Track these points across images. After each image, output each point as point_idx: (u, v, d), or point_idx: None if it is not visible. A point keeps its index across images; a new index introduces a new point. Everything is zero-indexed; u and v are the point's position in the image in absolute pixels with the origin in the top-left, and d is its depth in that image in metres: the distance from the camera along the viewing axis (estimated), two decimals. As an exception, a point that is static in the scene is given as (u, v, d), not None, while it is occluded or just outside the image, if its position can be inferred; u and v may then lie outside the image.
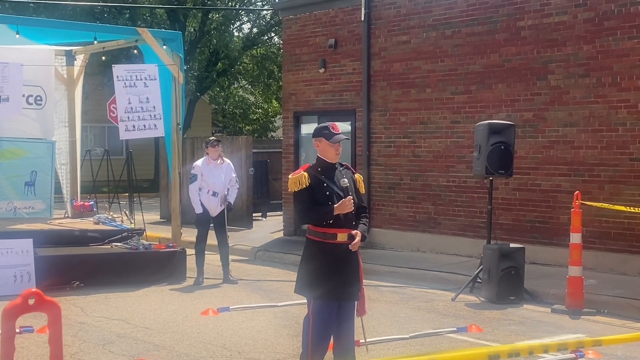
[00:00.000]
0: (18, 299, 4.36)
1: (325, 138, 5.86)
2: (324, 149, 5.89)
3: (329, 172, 5.89)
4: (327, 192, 5.80)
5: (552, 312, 9.06)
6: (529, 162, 11.76)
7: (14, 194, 12.99)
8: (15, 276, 9.85)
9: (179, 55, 11.82)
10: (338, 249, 5.79)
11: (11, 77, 11.02)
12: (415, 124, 13.33)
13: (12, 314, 4.36)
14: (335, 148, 5.88)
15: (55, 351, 4.39)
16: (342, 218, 5.77)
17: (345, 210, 5.75)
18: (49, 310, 4.41)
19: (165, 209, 18.19)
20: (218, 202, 10.86)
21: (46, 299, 4.40)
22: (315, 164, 5.97)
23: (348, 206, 5.74)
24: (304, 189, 5.79)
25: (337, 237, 5.79)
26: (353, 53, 14.24)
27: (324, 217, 5.76)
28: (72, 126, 13.98)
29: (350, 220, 5.85)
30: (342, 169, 6.02)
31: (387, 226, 13.76)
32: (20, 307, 4.35)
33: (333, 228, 5.78)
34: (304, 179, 5.79)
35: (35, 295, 4.35)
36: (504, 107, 12.07)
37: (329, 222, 5.77)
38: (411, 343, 7.50)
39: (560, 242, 11.12)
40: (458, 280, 10.52)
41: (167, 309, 9.07)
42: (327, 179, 5.84)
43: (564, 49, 11.42)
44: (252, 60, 36.25)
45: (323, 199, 5.77)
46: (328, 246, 5.80)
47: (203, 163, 10.92)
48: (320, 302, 5.78)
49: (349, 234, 5.80)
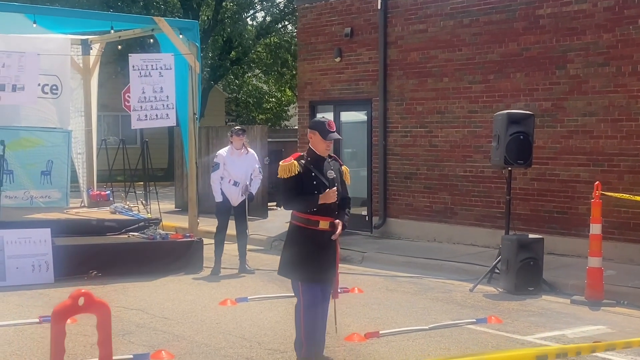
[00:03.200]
0: (67, 299, 4.17)
1: (320, 134, 6.26)
2: (317, 142, 6.30)
3: (318, 163, 6.29)
4: (315, 182, 6.20)
5: (572, 303, 9.00)
6: (548, 152, 11.67)
7: (30, 183, 13.00)
8: (33, 265, 9.88)
9: (196, 44, 11.78)
10: (319, 235, 6.19)
11: (27, 66, 11.02)
12: (432, 113, 13.25)
13: (62, 315, 4.17)
14: (327, 144, 6.30)
15: (104, 353, 4.23)
16: (325, 207, 6.16)
17: (330, 201, 6.16)
18: (98, 311, 4.24)
19: (180, 198, 18.20)
20: (239, 192, 10.83)
21: (96, 300, 4.23)
22: (305, 154, 6.36)
23: (332, 197, 6.16)
24: (293, 176, 6.18)
25: (319, 225, 6.18)
26: (369, 42, 14.16)
27: (309, 205, 6.16)
28: (88, 115, 14.00)
29: (333, 209, 6.24)
30: (331, 161, 6.40)
31: (403, 216, 13.71)
32: (70, 308, 4.17)
33: (316, 215, 6.17)
34: (294, 167, 6.19)
35: (85, 295, 4.18)
36: (522, 96, 11.97)
37: (313, 210, 6.15)
38: (431, 334, 7.46)
39: (579, 232, 11.05)
40: (475, 271, 10.47)
41: (185, 299, 9.07)
42: (315, 169, 6.23)
43: (583, 38, 11.30)
44: (266, 49, 36.15)
45: (310, 188, 6.17)
46: (310, 232, 6.19)
47: (227, 152, 10.88)
48: (306, 285, 6.20)
49: (331, 222, 6.20)
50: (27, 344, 7.02)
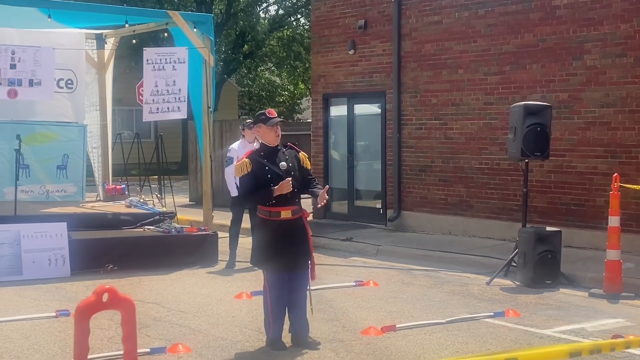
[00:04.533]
0: (91, 296, 4.10)
1: (263, 123, 6.56)
2: (265, 133, 6.59)
3: (270, 154, 6.56)
4: (269, 175, 6.45)
5: (590, 297, 8.92)
6: (565, 144, 11.57)
7: (46, 177, 13.06)
8: (49, 259, 9.91)
9: (210, 37, 11.76)
10: (283, 225, 6.49)
11: (43, 61, 11.04)
12: (446, 105, 13.17)
13: (86, 312, 4.11)
14: (274, 131, 6.56)
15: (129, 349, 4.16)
16: (283, 197, 6.42)
17: (285, 191, 6.39)
18: (122, 307, 4.18)
19: (194, 191, 18.21)
20: None
21: (120, 296, 4.17)
22: (258, 148, 6.67)
23: (287, 187, 6.38)
24: (246, 174, 6.47)
25: (280, 215, 6.49)
26: (383, 34, 14.08)
27: (266, 198, 6.45)
28: (103, 110, 14.03)
29: (293, 198, 6.52)
30: (286, 150, 6.69)
31: (418, 209, 13.65)
32: (94, 304, 4.11)
33: (276, 207, 6.48)
34: (246, 165, 6.48)
35: (109, 292, 4.12)
36: (538, 87, 11.87)
37: (272, 202, 6.45)
38: (448, 328, 7.41)
39: (596, 225, 10.96)
40: (492, 264, 10.40)
41: (201, 292, 9.07)
42: (268, 162, 6.50)
43: (600, 28, 11.18)
44: (279, 42, 36.09)
45: (265, 181, 6.43)
46: (274, 223, 6.51)
47: (239, 146, 10.87)
48: (272, 274, 6.54)
49: (292, 210, 6.51)
50: (44, 338, 7.03)
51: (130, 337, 4.21)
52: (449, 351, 6.66)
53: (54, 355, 6.40)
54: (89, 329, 4.11)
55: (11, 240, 9.79)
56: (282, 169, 6.49)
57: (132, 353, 4.22)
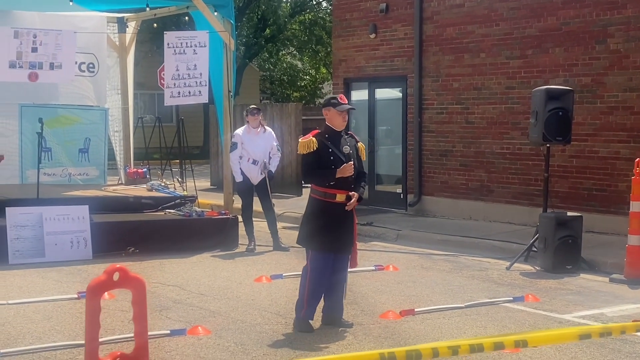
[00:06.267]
0: (102, 275, 4.09)
1: (333, 107, 6.67)
2: (332, 117, 6.71)
3: (335, 138, 6.71)
4: (332, 157, 6.61)
5: (611, 282, 8.87)
6: (587, 129, 11.46)
7: (68, 161, 13.18)
8: (72, 242, 10.01)
9: (230, 21, 11.75)
10: (336, 207, 6.63)
11: (65, 44, 11.11)
12: (468, 89, 13.08)
13: (97, 290, 4.10)
14: (342, 116, 6.69)
15: (139, 329, 4.15)
16: (342, 181, 6.59)
17: (346, 174, 6.58)
18: (133, 286, 4.16)
19: (215, 175, 18.27)
20: (258, 171, 10.85)
21: (131, 275, 4.16)
22: (323, 130, 6.76)
23: (348, 170, 6.59)
24: (311, 152, 6.62)
25: (336, 197, 6.63)
26: (405, 18, 14.00)
27: (326, 178, 6.60)
28: (125, 93, 14.08)
29: (350, 183, 6.67)
30: (347, 137, 6.82)
31: (438, 194, 13.62)
32: (105, 283, 4.11)
33: (333, 189, 6.62)
34: (312, 144, 6.61)
35: (120, 271, 4.11)
36: (561, 72, 11.75)
37: (331, 183, 6.59)
38: (467, 312, 7.41)
39: (618, 210, 10.87)
40: (512, 249, 10.36)
41: (221, 276, 9.13)
42: (332, 145, 6.65)
43: (624, 12, 11.04)
44: (300, 26, 35.98)
45: (327, 163, 6.60)
46: (327, 204, 6.64)
47: (243, 131, 10.91)
48: (317, 252, 6.64)
49: (347, 195, 6.62)
50: (66, 319, 7.12)
51: (141, 316, 4.21)
52: (467, 335, 6.66)
53: (75, 336, 6.48)
54: (99, 307, 4.12)
55: (34, 223, 9.90)
56: (345, 152, 6.64)
57: (143, 334, 4.22)
